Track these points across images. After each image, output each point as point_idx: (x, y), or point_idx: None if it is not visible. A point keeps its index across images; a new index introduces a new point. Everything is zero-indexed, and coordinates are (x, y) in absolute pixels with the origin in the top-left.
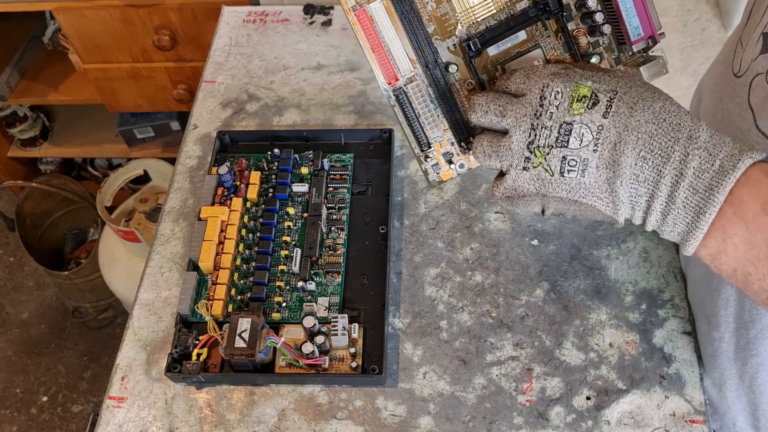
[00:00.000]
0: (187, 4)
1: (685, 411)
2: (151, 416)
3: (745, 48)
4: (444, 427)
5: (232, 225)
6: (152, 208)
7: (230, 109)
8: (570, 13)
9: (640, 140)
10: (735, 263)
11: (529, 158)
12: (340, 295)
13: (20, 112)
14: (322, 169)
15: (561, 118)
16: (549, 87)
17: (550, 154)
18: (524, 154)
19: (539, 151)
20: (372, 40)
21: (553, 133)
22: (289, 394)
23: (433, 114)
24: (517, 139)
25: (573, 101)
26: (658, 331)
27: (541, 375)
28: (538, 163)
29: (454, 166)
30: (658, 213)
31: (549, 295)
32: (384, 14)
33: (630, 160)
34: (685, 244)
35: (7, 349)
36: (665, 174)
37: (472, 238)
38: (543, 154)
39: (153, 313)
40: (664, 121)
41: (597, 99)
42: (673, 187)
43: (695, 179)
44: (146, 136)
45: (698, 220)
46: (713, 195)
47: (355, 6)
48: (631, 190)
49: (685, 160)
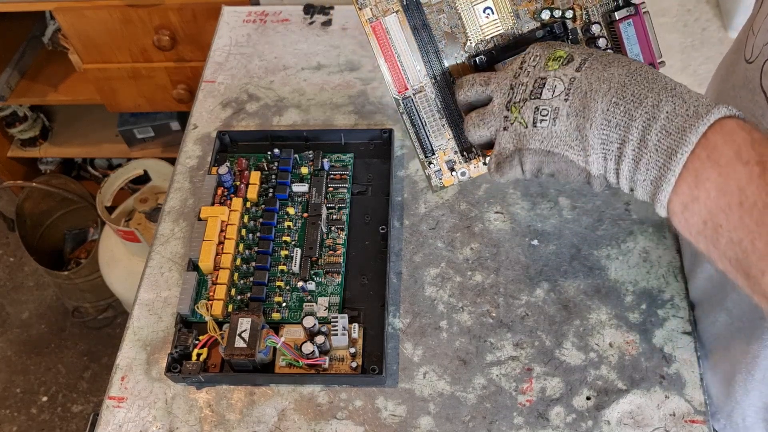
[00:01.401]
0: (187, 4)
1: (685, 411)
2: (151, 416)
3: (757, 34)
4: (444, 427)
5: (232, 225)
6: (152, 208)
7: (230, 109)
8: (576, 37)
9: (612, 88)
10: (706, 213)
11: (507, 116)
12: (340, 295)
13: (20, 112)
14: (322, 169)
15: (536, 74)
16: (529, 53)
17: (524, 106)
18: (504, 114)
19: (515, 107)
20: (385, 51)
21: (528, 87)
22: (289, 394)
23: (438, 123)
24: (499, 101)
25: (549, 60)
26: (658, 331)
27: (541, 375)
28: (514, 119)
29: (455, 174)
30: (630, 159)
31: (549, 295)
32: (398, 27)
33: (602, 106)
34: (658, 192)
35: (7, 349)
36: (636, 117)
37: (472, 238)
38: (518, 108)
39: (153, 313)
40: (639, 74)
41: (572, 58)
42: (645, 130)
43: (668, 122)
44: (146, 136)
45: (670, 161)
46: (686, 135)
47: (371, 18)
48: (603, 135)
49: (657, 104)
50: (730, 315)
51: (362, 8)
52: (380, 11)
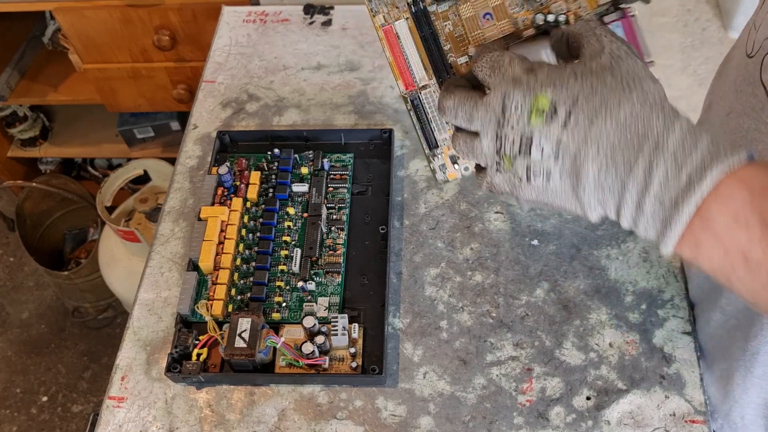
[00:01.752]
0: (187, 4)
1: (685, 411)
2: (151, 416)
3: (759, 29)
4: (444, 427)
5: (232, 225)
6: (152, 208)
7: (230, 109)
8: None
9: (601, 152)
10: (712, 268)
11: (500, 163)
12: (340, 295)
13: (20, 112)
14: (322, 169)
15: (521, 130)
16: (510, 97)
17: (516, 162)
18: (495, 159)
19: (506, 158)
20: (395, 53)
21: (516, 144)
22: (289, 394)
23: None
24: (487, 144)
25: (532, 113)
26: (658, 331)
27: (541, 375)
28: (507, 169)
29: (458, 168)
30: (628, 218)
31: (549, 295)
32: (407, 31)
33: (592, 172)
34: (659, 247)
35: (7, 349)
36: (629, 185)
37: (472, 238)
38: (510, 161)
39: (153, 313)
40: (628, 130)
41: (555, 110)
42: (639, 198)
43: (661, 191)
44: (146, 136)
45: (666, 231)
46: (679, 209)
47: (383, 23)
48: (598, 196)
49: (649, 170)
50: (724, 313)
51: (375, 15)
52: (392, 18)
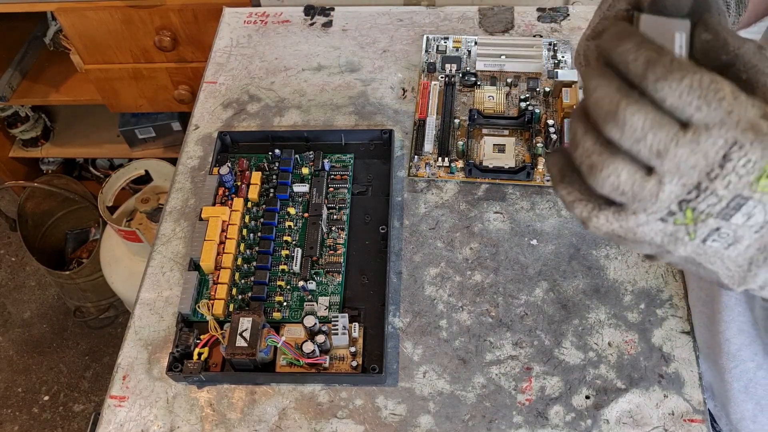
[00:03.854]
0: (188, 5)
1: (683, 410)
2: (152, 415)
3: None
4: (444, 426)
5: (233, 225)
6: (153, 208)
7: (231, 110)
8: (536, 127)
9: None
10: None
11: (674, 213)
12: (340, 294)
13: (22, 113)
14: (323, 169)
15: (738, 190)
16: (741, 149)
17: (705, 222)
18: (669, 209)
19: (691, 212)
20: (423, 99)
21: (721, 203)
22: (290, 393)
23: (432, 140)
24: (671, 190)
25: (762, 177)
26: (656, 330)
27: (541, 374)
28: (681, 222)
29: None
30: None
31: (548, 295)
32: (436, 91)
33: None
34: None
35: (9, 349)
36: None
37: (472, 237)
38: (695, 218)
39: (154, 312)
40: None
41: None
42: None
43: None
44: (147, 137)
45: None
46: None
47: (424, 79)
48: None
49: None
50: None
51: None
52: (429, 78)
